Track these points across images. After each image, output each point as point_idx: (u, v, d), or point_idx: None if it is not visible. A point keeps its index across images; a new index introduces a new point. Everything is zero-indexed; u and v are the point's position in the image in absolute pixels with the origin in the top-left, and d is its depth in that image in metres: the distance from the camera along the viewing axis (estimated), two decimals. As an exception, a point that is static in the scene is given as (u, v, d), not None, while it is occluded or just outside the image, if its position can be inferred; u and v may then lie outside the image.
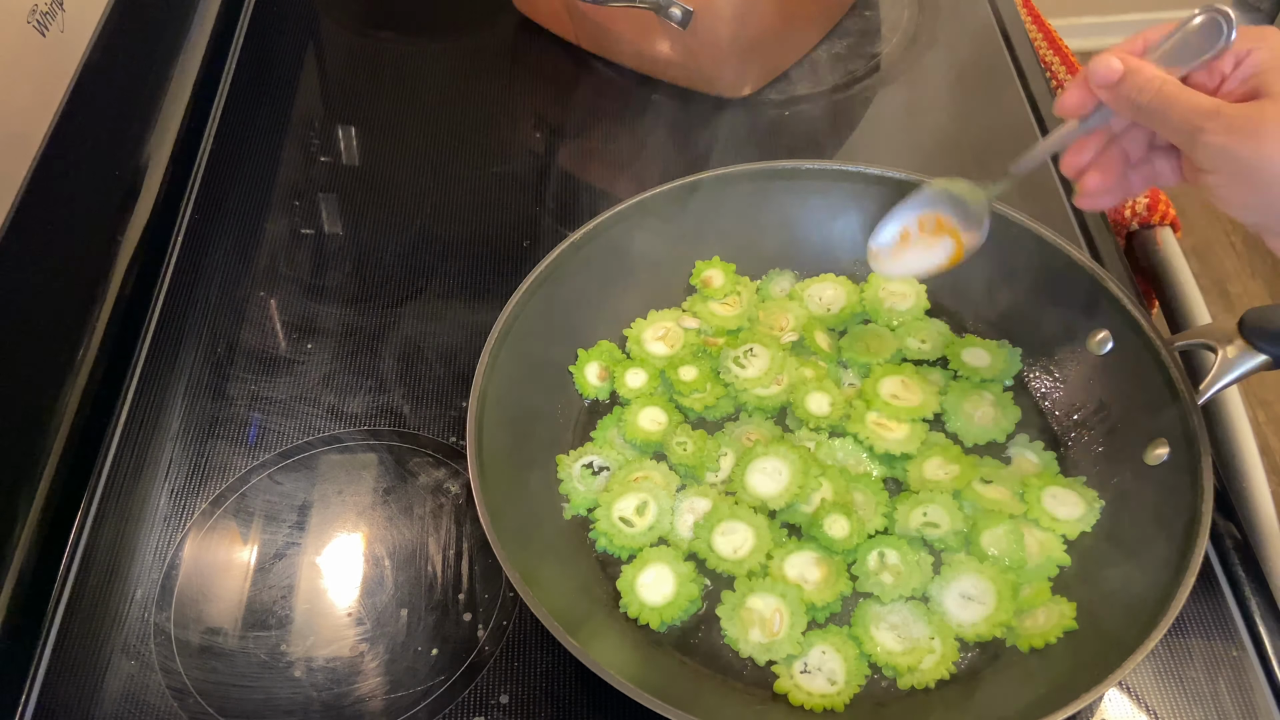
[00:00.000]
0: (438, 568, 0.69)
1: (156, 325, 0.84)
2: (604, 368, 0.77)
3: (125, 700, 0.64)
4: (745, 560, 0.66)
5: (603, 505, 0.70)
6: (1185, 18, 0.56)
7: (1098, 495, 0.68)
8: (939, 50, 1.04)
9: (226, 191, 0.94)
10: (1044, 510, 0.68)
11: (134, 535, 0.71)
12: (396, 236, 0.91)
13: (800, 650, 0.63)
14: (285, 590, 0.69)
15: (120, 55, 0.90)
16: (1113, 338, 0.71)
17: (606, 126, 0.97)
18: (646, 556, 0.67)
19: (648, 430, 0.73)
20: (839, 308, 0.80)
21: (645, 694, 0.54)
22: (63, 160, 0.79)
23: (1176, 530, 0.61)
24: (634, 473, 0.71)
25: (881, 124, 0.99)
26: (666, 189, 0.78)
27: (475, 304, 0.84)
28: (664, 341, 0.78)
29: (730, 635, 0.64)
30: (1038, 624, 0.63)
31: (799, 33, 1.02)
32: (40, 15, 0.79)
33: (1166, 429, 0.65)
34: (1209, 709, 0.62)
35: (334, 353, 0.82)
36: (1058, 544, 0.67)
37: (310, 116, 1.02)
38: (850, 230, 0.81)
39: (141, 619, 0.67)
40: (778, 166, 0.79)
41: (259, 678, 0.65)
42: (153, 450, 0.76)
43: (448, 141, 0.99)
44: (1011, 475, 0.70)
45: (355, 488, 0.73)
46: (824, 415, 0.73)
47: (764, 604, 0.64)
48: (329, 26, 1.12)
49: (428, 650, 0.66)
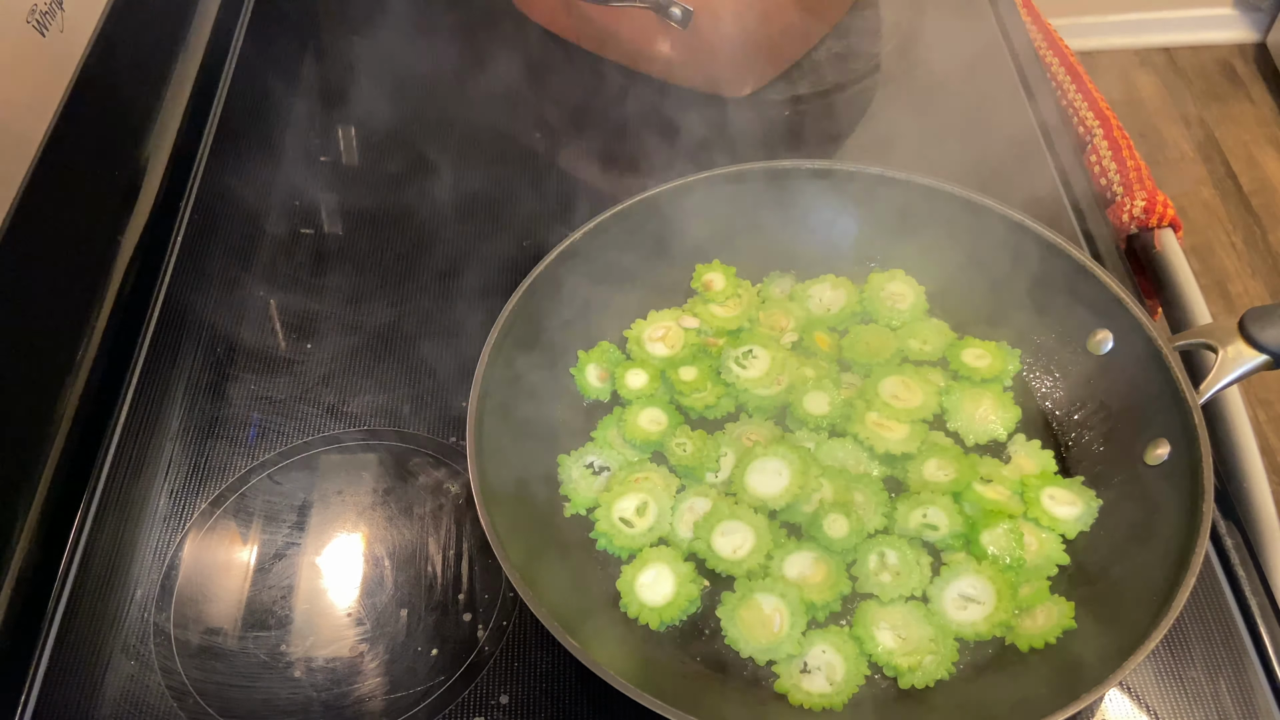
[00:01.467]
0: (438, 568, 0.69)
1: (156, 325, 0.84)
2: (604, 369, 0.77)
3: (125, 700, 0.64)
4: (745, 560, 0.66)
5: (603, 505, 0.70)
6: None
7: (1095, 495, 0.68)
8: (939, 50, 1.04)
9: (226, 191, 0.94)
10: (1043, 510, 0.68)
11: (134, 535, 0.71)
12: (396, 236, 0.91)
13: (800, 650, 0.63)
14: (285, 590, 0.69)
15: (120, 55, 0.90)
16: (1113, 338, 0.71)
17: (606, 126, 0.97)
18: (646, 556, 0.67)
19: (648, 430, 0.73)
20: (839, 308, 0.80)
21: (645, 694, 0.54)
22: (63, 160, 0.79)
23: (1176, 530, 0.61)
24: (634, 473, 0.71)
25: (881, 124, 0.99)
26: (666, 189, 0.78)
27: (475, 304, 0.84)
28: (664, 342, 0.78)
29: (730, 635, 0.64)
30: (1037, 624, 0.63)
31: (799, 32, 1.02)
32: (40, 15, 0.79)
33: (1166, 429, 0.65)
34: (1209, 709, 0.62)
35: (334, 353, 0.82)
36: (1057, 543, 0.67)
37: (310, 116, 1.02)
38: (850, 230, 0.81)
39: (141, 619, 0.67)
40: (778, 166, 0.79)
41: (259, 678, 0.65)
42: (153, 450, 0.76)
43: (448, 141, 0.99)
44: (1011, 475, 0.70)
45: (355, 488, 0.73)
46: (824, 415, 0.73)
47: (764, 604, 0.64)
48: (329, 26, 1.12)
49: (428, 650, 0.66)
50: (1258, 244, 2.07)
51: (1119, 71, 2.43)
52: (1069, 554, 0.66)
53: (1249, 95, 2.35)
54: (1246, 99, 2.35)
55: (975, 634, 0.63)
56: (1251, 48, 2.44)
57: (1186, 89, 2.38)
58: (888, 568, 0.66)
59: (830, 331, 0.79)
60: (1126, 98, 2.36)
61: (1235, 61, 2.43)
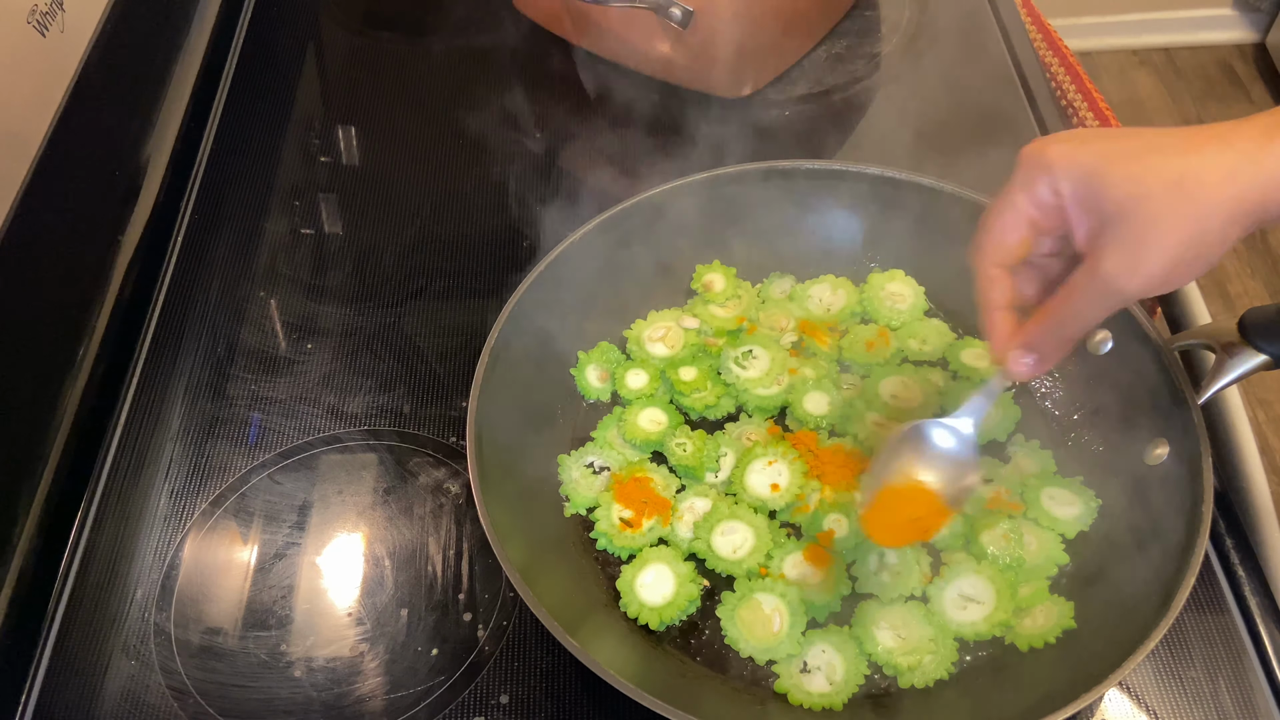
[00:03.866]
0: (438, 568, 0.69)
1: (156, 325, 0.84)
2: (604, 369, 0.77)
3: (125, 700, 0.64)
4: (745, 560, 0.66)
5: (603, 505, 0.70)
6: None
7: (1095, 495, 0.68)
8: (939, 50, 1.04)
9: (226, 191, 0.94)
10: (1043, 510, 0.68)
11: (134, 535, 0.71)
12: (396, 236, 0.91)
13: (799, 649, 0.63)
14: (285, 590, 0.69)
15: (120, 55, 0.90)
16: (1113, 338, 0.71)
17: (606, 126, 0.97)
18: (646, 556, 0.67)
19: (648, 430, 0.73)
20: (838, 308, 0.80)
21: (645, 694, 0.54)
22: (63, 160, 0.79)
23: (1176, 530, 0.61)
24: (634, 473, 0.71)
25: (881, 124, 0.99)
26: (667, 189, 0.78)
27: (475, 304, 0.84)
28: (664, 342, 0.78)
29: (730, 635, 0.64)
30: (1037, 624, 0.63)
31: (799, 33, 1.02)
32: (40, 15, 0.79)
33: (1166, 429, 0.65)
34: (1209, 709, 0.62)
35: (334, 353, 0.82)
36: (1056, 543, 0.67)
37: (310, 116, 1.02)
38: (850, 231, 0.81)
39: (141, 619, 0.67)
40: (777, 166, 0.79)
41: (259, 678, 0.65)
42: (153, 450, 0.76)
43: (448, 141, 0.99)
44: (1011, 475, 0.70)
45: (355, 488, 0.73)
46: (824, 415, 0.73)
47: (764, 604, 0.65)
48: (329, 26, 1.12)
49: (428, 650, 0.66)
50: (1257, 244, 2.07)
51: (1118, 71, 2.43)
52: (1069, 554, 0.66)
53: (1248, 95, 2.35)
54: (1246, 99, 2.35)
55: (975, 634, 0.63)
56: (1251, 48, 2.44)
57: (1186, 89, 2.38)
58: (887, 568, 0.66)
59: (830, 332, 0.79)
60: (1126, 98, 2.36)
61: (1235, 62, 2.43)
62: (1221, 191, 0.48)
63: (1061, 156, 0.51)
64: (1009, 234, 0.55)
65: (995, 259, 0.56)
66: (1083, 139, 0.52)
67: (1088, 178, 0.50)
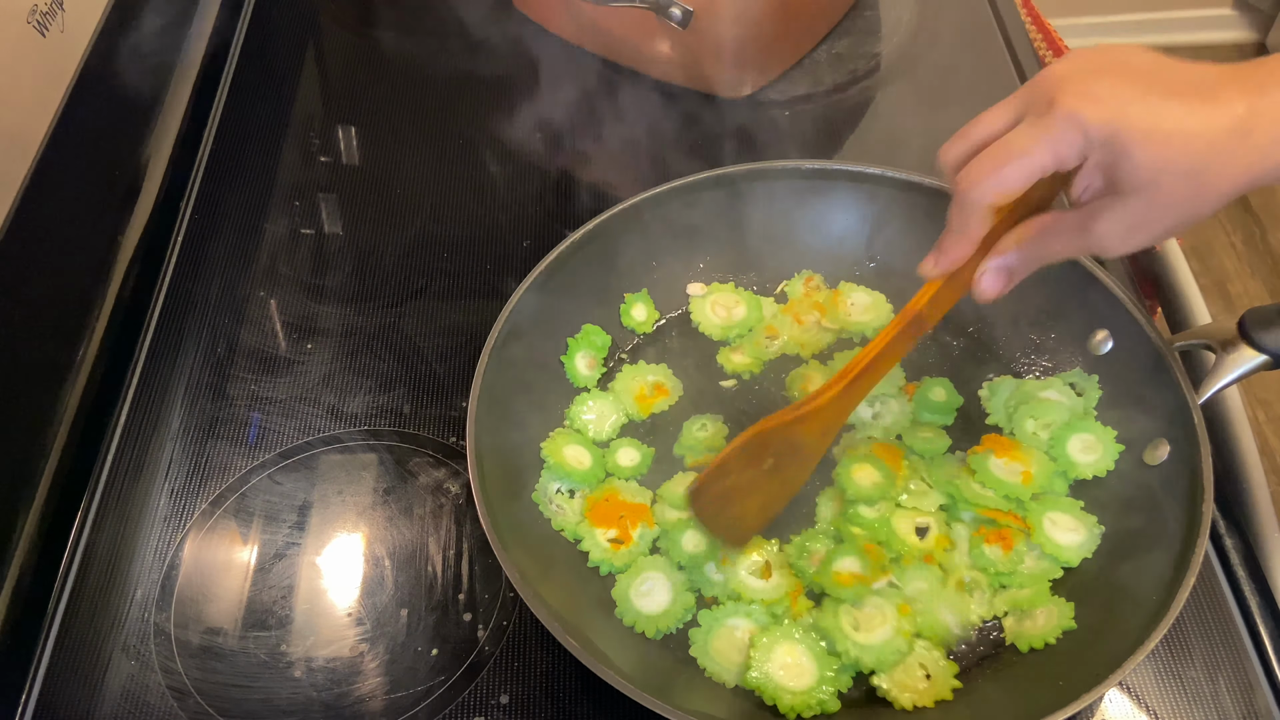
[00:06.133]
0: (438, 568, 0.69)
1: (156, 325, 0.84)
2: (592, 356, 0.76)
3: (125, 700, 0.64)
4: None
5: (585, 536, 0.68)
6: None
7: (1098, 520, 0.67)
8: (939, 50, 1.04)
9: (226, 191, 0.94)
10: (1045, 536, 0.66)
11: (134, 535, 0.71)
12: (396, 236, 0.91)
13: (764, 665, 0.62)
14: (285, 590, 0.69)
15: (120, 55, 0.90)
16: (1113, 338, 0.71)
17: (606, 126, 0.97)
18: (640, 566, 0.67)
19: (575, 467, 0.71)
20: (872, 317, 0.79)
21: (645, 694, 0.54)
22: (63, 160, 0.79)
23: (1176, 530, 0.61)
24: (604, 494, 0.70)
25: (881, 124, 0.99)
26: (667, 189, 0.78)
27: (475, 304, 0.84)
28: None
29: (710, 670, 0.63)
30: (1037, 625, 0.63)
31: (799, 32, 1.02)
32: (40, 15, 0.79)
33: (1166, 429, 0.65)
34: (1208, 709, 0.62)
35: (334, 353, 0.82)
36: (1054, 567, 0.66)
37: (310, 116, 1.02)
38: (850, 231, 0.81)
39: (141, 619, 0.67)
40: (777, 167, 0.79)
41: (259, 678, 0.65)
42: (153, 450, 0.76)
43: (448, 141, 0.99)
44: (1010, 478, 0.69)
45: (355, 488, 0.73)
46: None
47: (735, 629, 0.64)
48: (329, 26, 1.12)
49: (428, 650, 0.66)
50: (1257, 244, 2.07)
51: (1119, 71, 2.42)
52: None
53: (1249, 95, 2.35)
54: (1246, 99, 2.34)
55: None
56: (1251, 48, 2.44)
57: (1186, 89, 2.37)
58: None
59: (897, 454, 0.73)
60: (1126, 98, 2.35)
61: (1235, 61, 2.42)
62: (1233, 185, 0.49)
63: (1100, 125, 0.49)
64: (1016, 183, 0.52)
65: (990, 199, 0.54)
66: (1112, 91, 0.49)
67: (1116, 154, 0.49)
